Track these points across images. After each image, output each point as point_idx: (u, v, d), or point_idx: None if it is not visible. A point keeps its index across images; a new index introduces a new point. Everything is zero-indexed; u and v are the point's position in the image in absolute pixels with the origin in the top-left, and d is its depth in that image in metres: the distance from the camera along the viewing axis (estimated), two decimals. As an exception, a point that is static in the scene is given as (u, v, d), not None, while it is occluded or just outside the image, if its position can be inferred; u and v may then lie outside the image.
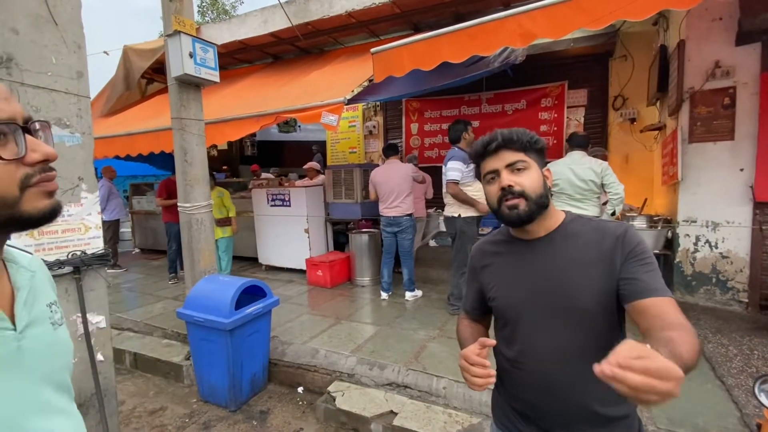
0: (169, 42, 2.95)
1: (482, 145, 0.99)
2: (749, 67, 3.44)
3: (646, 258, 0.90)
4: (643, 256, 0.90)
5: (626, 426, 0.96)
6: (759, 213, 3.48)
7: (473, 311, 1.18)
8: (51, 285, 0.74)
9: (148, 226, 7.80)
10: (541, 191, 0.96)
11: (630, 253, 0.91)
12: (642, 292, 0.85)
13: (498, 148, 0.97)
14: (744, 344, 2.93)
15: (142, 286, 5.48)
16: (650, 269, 0.89)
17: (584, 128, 5.52)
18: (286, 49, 6.25)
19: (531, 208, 0.94)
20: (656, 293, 0.85)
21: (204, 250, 3.22)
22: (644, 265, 0.89)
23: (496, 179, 0.97)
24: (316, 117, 3.53)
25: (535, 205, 0.94)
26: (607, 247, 0.93)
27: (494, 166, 0.97)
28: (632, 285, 0.87)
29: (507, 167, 0.96)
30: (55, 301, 0.71)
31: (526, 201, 0.94)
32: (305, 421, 2.70)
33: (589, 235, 0.97)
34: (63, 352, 0.68)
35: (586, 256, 0.94)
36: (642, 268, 0.89)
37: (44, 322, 0.65)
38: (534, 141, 0.98)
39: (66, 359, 0.69)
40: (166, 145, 4.12)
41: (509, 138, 0.96)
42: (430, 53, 3.07)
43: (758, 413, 2.07)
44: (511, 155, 0.96)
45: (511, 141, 0.96)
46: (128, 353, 3.60)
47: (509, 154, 0.96)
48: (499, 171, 0.97)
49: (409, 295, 4.36)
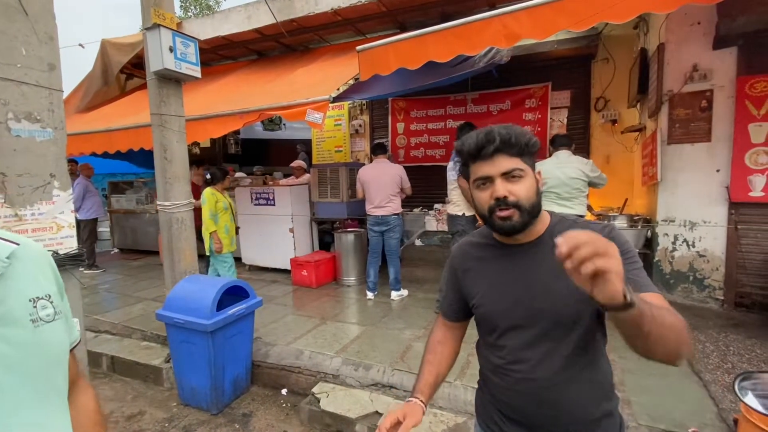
0: (148, 35, 2.86)
1: (476, 147, 0.90)
2: (726, 71, 3.54)
3: (633, 257, 0.90)
4: (629, 256, 0.90)
5: (610, 423, 0.97)
6: (734, 213, 3.58)
7: (453, 314, 1.15)
8: (46, 276, 0.68)
9: (127, 225, 7.60)
10: (535, 200, 0.92)
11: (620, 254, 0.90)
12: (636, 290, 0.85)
13: (494, 152, 0.89)
14: (720, 341, 3.01)
15: (121, 287, 5.33)
16: (637, 267, 0.89)
17: (567, 129, 5.60)
18: (270, 46, 6.17)
19: (524, 218, 0.90)
20: (646, 289, 0.85)
21: (185, 249, 3.14)
22: (632, 263, 0.89)
23: (489, 186, 0.91)
24: (301, 114, 3.48)
25: (529, 215, 0.91)
26: None
27: (488, 173, 0.90)
28: None
29: (502, 175, 0.89)
30: (46, 294, 0.65)
31: (520, 212, 0.89)
32: (289, 424, 2.66)
33: None
34: (46, 353, 0.63)
35: None
36: (629, 267, 0.88)
37: (19, 320, 0.59)
38: (532, 144, 0.91)
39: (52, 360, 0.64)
40: (145, 142, 4.01)
41: (507, 141, 0.88)
42: (416, 52, 3.07)
43: (734, 408, 2.13)
44: (507, 162, 0.89)
45: (509, 145, 0.88)
46: (105, 356, 3.49)
47: (505, 160, 0.89)
48: (494, 178, 0.90)
49: (395, 294, 4.35)
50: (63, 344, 0.68)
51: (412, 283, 4.73)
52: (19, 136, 1.73)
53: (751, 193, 3.49)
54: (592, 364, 0.95)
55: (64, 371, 0.67)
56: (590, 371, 0.95)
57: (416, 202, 5.68)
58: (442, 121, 6.41)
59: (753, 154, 3.46)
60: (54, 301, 0.67)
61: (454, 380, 2.55)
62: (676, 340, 0.74)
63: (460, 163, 0.97)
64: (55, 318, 0.65)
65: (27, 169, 1.76)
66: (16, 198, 1.72)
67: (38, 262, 0.68)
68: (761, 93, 3.40)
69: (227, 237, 4.24)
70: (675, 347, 0.74)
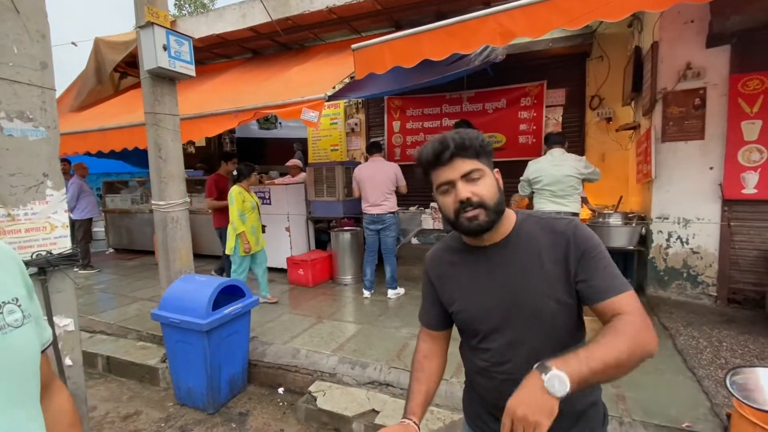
0: (141, 34, 2.84)
1: (433, 155, 0.92)
2: (719, 69, 3.56)
3: (598, 254, 0.91)
4: (596, 252, 0.91)
5: (595, 413, 1.00)
6: (727, 210, 3.61)
7: (435, 323, 1.13)
8: (14, 278, 0.66)
9: (122, 225, 7.56)
10: (498, 198, 0.93)
11: (584, 253, 0.91)
12: (601, 293, 0.87)
13: (451, 157, 0.90)
14: (713, 336, 3.04)
15: (116, 287, 5.30)
16: (605, 265, 0.90)
17: (562, 127, 5.62)
18: (265, 44, 6.14)
19: (491, 217, 0.91)
20: (614, 292, 0.87)
21: (180, 249, 3.13)
22: (597, 261, 0.90)
23: (451, 191, 0.92)
24: (296, 113, 3.47)
25: (495, 213, 0.92)
26: (560, 248, 0.93)
27: (449, 177, 0.92)
28: (591, 287, 0.89)
29: (462, 178, 0.91)
30: (13, 298, 0.63)
31: (486, 211, 0.91)
32: (286, 422, 2.66)
33: (542, 237, 0.96)
34: (16, 358, 0.61)
35: (542, 259, 0.93)
36: (597, 264, 0.90)
37: None
38: (486, 144, 0.94)
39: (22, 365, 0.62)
40: (140, 141, 3.99)
41: (461, 145, 0.90)
42: (411, 50, 3.06)
43: (728, 403, 2.15)
44: (465, 164, 0.91)
45: (464, 148, 0.90)
46: (101, 357, 3.48)
47: (463, 162, 0.91)
48: (455, 182, 0.91)
49: (392, 293, 4.36)
50: (33, 348, 0.66)
51: (409, 281, 4.74)
52: (11, 135, 1.72)
53: (744, 191, 3.51)
54: None
55: (36, 375, 0.66)
56: None
57: (412, 200, 5.68)
58: (438, 119, 6.42)
59: (746, 151, 3.49)
60: (22, 305, 0.65)
61: (450, 378, 2.56)
62: (629, 359, 0.77)
63: (421, 173, 0.98)
64: (24, 322, 0.63)
65: (19, 168, 1.74)
66: (9, 198, 1.71)
67: (4, 265, 0.66)
68: (754, 91, 3.42)
69: (254, 237, 4.09)
70: (636, 363, 0.79)
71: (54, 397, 0.75)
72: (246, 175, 4.13)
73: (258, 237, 4.17)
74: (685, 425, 2.07)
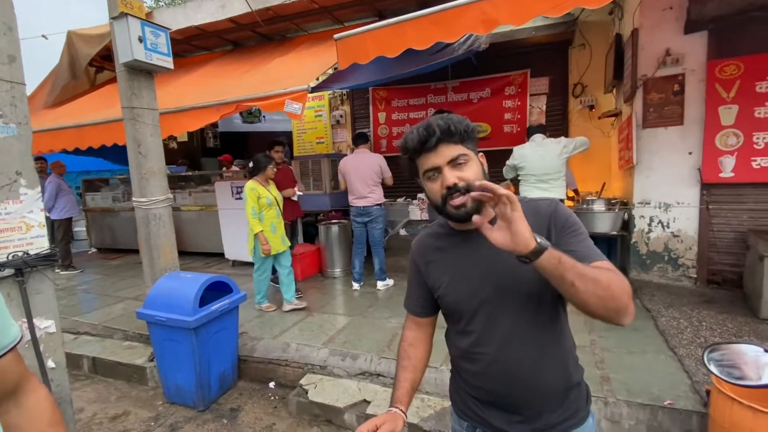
0: (115, 25, 2.75)
1: (419, 141, 0.91)
2: (697, 55, 3.62)
3: (578, 229, 0.93)
4: (574, 228, 0.93)
5: (578, 393, 1.02)
6: (706, 194, 3.70)
7: (421, 310, 1.14)
8: None
9: (104, 224, 7.39)
10: None
11: (563, 227, 0.93)
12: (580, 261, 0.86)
13: (437, 143, 0.90)
14: (693, 317, 3.13)
15: (100, 287, 5.19)
16: (582, 239, 0.92)
17: (546, 115, 5.66)
18: (246, 36, 6.01)
19: (477, 203, 0.91)
20: (591, 259, 0.87)
21: (164, 246, 3.07)
22: (577, 235, 0.92)
23: (438, 177, 0.92)
24: (279, 105, 3.42)
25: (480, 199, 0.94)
26: (542, 226, 0.94)
27: (435, 163, 0.91)
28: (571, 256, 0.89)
29: (449, 162, 0.90)
30: None
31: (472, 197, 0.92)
32: (277, 416, 2.66)
33: (528, 219, 0.97)
34: None
35: None
36: (575, 239, 0.92)
37: None
38: (471, 130, 0.94)
39: None
40: (118, 137, 3.88)
41: (447, 130, 0.90)
42: (394, 40, 3.04)
43: (707, 380, 2.22)
44: (450, 149, 0.90)
45: (450, 134, 0.90)
46: (86, 358, 3.42)
47: (448, 148, 0.91)
48: (441, 168, 0.91)
49: (381, 284, 4.37)
50: None
51: (398, 272, 4.75)
52: (-21, 132, 1.65)
53: (722, 174, 3.60)
54: (559, 339, 0.99)
55: None
56: (557, 346, 0.99)
57: (400, 191, 5.68)
58: (423, 110, 6.40)
59: (723, 136, 3.57)
60: None
61: (439, 365, 2.59)
62: (606, 296, 0.77)
63: (405, 158, 0.98)
64: None
65: (-11, 167, 1.68)
66: (-20, 197, 1.65)
67: None
68: (730, 76, 3.49)
69: (275, 236, 3.71)
70: (606, 303, 0.78)
71: (29, 396, 0.73)
72: (262, 167, 3.73)
73: (281, 235, 3.80)
74: (666, 403, 2.14)
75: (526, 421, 0.98)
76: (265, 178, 3.76)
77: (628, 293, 0.80)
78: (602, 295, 0.77)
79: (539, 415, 0.98)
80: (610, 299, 0.78)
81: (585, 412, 1.02)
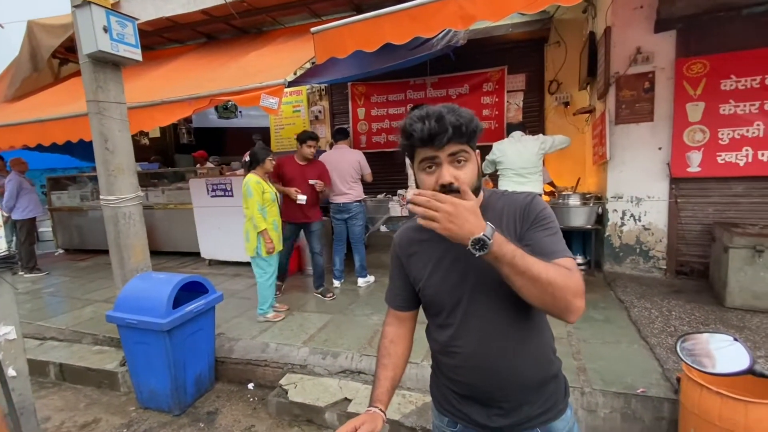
0: (78, 14, 2.61)
1: (429, 135, 0.86)
2: (666, 53, 3.74)
3: (549, 223, 0.94)
4: (544, 222, 0.94)
5: (557, 385, 1.03)
6: (674, 188, 3.84)
7: (403, 303, 1.13)
8: None
9: (72, 224, 7.06)
10: (477, 183, 0.93)
11: (534, 220, 0.94)
12: (546, 255, 0.87)
13: (447, 141, 0.87)
14: (664, 307, 3.24)
15: (67, 289, 4.97)
16: (552, 233, 0.93)
17: (523, 112, 5.74)
18: (220, 28, 5.83)
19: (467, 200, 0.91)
20: (559, 255, 0.89)
21: (135, 246, 2.95)
22: (546, 229, 0.93)
23: (435, 169, 0.90)
24: (254, 100, 3.33)
25: None
26: (517, 217, 0.96)
27: (435, 153, 0.89)
28: (538, 249, 0.89)
29: (450, 156, 0.88)
30: None
31: None
32: (257, 418, 2.61)
33: (503, 211, 0.98)
34: None
35: (503, 231, 0.94)
36: (543, 233, 0.93)
37: None
38: (478, 129, 0.91)
39: None
40: (85, 132, 3.69)
41: (458, 130, 0.86)
42: (372, 34, 3.00)
43: (677, 368, 2.30)
44: (455, 145, 0.88)
45: (461, 134, 0.87)
46: (53, 364, 3.26)
47: (454, 146, 0.89)
48: (441, 161, 0.89)
49: (362, 281, 4.35)
50: None
51: (379, 268, 4.74)
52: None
53: (689, 169, 3.74)
54: (537, 331, 1.00)
55: None
56: (536, 339, 1.00)
57: (380, 188, 5.66)
58: (402, 105, 6.39)
59: (690, 132, 3.70)
60: None
61: (420, 361, 2.59)
62: (544, 294, 0.80)
63: (407, 144, 0.93)
64: None
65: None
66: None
67: None
68: (697, 74, 3.62)
69: (277, 234, 3.53)
70: (545, 300, 0.82)
71: None
72: (261, 160, 3.45)
73: (280, 234, 3.63)
74: (639, 390, 2.20)
75: (506, 415, 0.99)
76: (264, 171, 3.51)
77: (574, 293, 0.81)
78: (538, 294, 0.81)
79: (518, 407, 0.98)
80: (549, 297, 0.81)
81: (563, 404, 1.03)
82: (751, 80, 3.47)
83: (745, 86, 3.50)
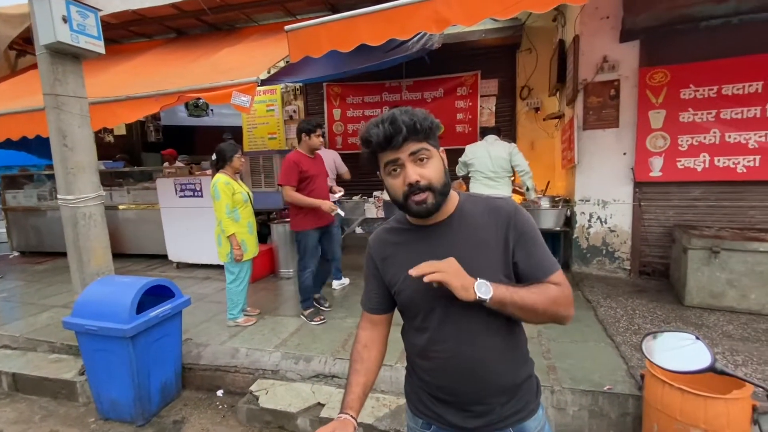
0: (34, 3, 2.46)
1: (385, 138, 0.89)
2: (630, 62, 3.90)
3: (535, 236, 0.99)
4: (532, 234, 0.98)
5: (529, 385, 1.04)
6: (638, 191, 4.00)
7: (378, 306, 1.12)
8: None
9: (28, 225, 6.67)
10: (444, 179, 0.94)
11: (522, 234, 0.97)
12: (538, 272, 0.97)
13: (403, 141, 0.89)
14: (628, 306, 3.37)
15: (22, 294, 4.68)
16: (539, 246, 0.99)
17: (495, 116, 5.85)
18: (191, 24, 5.65)
19: (438, 199, 0.93)
20: (549, 271, 0.97)
21: (95, 248, 2.81)
22: (534, 244, 0.98)
23: (399, 171, 0.92)
24: (225, 97, 3.24)
25: (441, 195, 0.94)
26: (501, 228, 0.97)
27: (396, 156, 0.91)
28: (529, 265, 0.97)
29: (411, 156, 0.90)
30: None
31: (433, 193, 0.92)
32: (226, 425, 2.52)
33: (484, 216, 0.99)
34: None
35: (483, 238, 0.97)
36: (533, 248, 0.98)
37: None
38: (435, 126, 0.94)
39: None
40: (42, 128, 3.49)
41: (413, 128, 0.89)
42: (348, 34, 2.97)
43: (641, 365, 2.39)
44: (413, 144, 0.91)
45: (416, 131, 0.90)
46: (5, 374, 3.06)
47: (413, 145, 0.91)
48: (403, 162, 0.91)
49: (337, 283, 4.30)
50: None
51: (354, 270, 4.70)
52: None
53: (652, 174, 3.91)
54: (512, 334, 1.02)
55: None
56: (511, 342, 1.01)
57: (355, 189, 5.63)
58: (378, 107, 6.39)
59: (652, 138, 3.87)
60: None
61: (395, 363, 2.58)
62: (543, 316, 0.93)
63: (368, 152, 0.96)
64: None
65: None
66: None
67: None
68: (659, 83, 3.79)
69: (252, 237, 3.35)
70: (543, 320, 0.95)
71: None
72: (228, 158, 3.19)
73: (257, 237, 3.45)
74: (606, 388, 2.27)
75: (480, 416, 0.99)
76: (233, 170, 3.25)
77: (566, 306, 0.95)
78: (539, 319, 0.95)
79: (492, 409, 0.99)
80: (547, 318, 0.94)
81: (535, 403, 1.05)
82: (708, 90, 3.66)
83: (702, 95, 3.69)
